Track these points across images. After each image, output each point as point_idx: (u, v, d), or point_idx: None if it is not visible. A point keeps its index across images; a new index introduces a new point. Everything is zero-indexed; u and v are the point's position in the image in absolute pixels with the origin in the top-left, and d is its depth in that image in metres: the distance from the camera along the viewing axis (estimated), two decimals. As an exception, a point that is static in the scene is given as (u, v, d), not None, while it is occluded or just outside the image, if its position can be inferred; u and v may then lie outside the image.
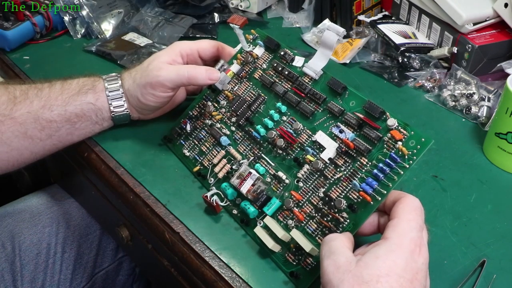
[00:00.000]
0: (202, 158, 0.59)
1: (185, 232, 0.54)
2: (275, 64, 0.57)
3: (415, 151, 0.43)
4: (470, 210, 0.56)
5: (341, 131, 0.49)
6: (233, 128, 0.58)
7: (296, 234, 0.47)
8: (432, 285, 0.43)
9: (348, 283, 0.37)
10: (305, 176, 0.50)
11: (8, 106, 0.58)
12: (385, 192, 0.44)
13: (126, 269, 0.85)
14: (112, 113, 0.62)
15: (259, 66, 0.60)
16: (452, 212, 0.55)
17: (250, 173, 0.52)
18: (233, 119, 0.59)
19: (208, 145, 0.59)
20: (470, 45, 0.74)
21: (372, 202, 0.44)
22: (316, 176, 0.50)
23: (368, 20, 0.87)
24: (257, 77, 0.59)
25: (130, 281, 0.86)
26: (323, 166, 0.49)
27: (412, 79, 0.78)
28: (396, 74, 0.79)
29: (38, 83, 0.62)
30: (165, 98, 0.60)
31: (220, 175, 0.56)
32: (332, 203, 0.47)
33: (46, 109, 0.59)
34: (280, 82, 0.57)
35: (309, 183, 0.50)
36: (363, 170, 0.46)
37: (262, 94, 0.58)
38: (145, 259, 0.74)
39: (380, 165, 0.45)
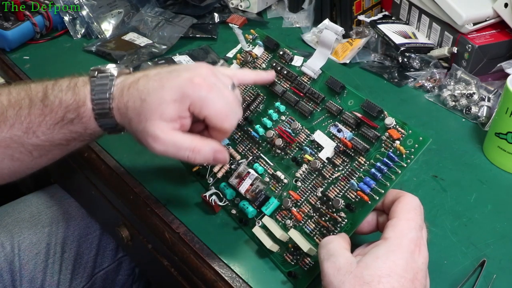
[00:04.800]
0: (201, 158, 0.59)
1: (185, 232, 0.54)
2: (274, 64, 0.57)
3: (413, 150, 0.43)
4: (470, 210, 0.56)
5: (339, 130, 0.49)
6: (232, 128, 0.58)
7: (294, 234, 0.47)
8: (432, 285, 0.43)
9: (349, 284, 0.37)
10: (303, 175, 0.50)
11: None
12: (383, 191, 0.44)
13: (126, 269, 0.85)
14: (106, 131, 0.52)
15: (259, 65, 0.60)
16: (452, 212, 0.55)
17: (248, 172, 0.52)
18: (232, 119, 0.58)
19: (207, 145, 0.59)
20: (470, 45, 0.74)
21: (369, 202, 0.44)
22: (314, 175, 0.50)
23: (368, 20, 0.87)
24: (256, 77, 0.59)
25: (130, 281, 0.86)
26: (321, 165, 0.49)
27: (412, 79, 0.78)
28: (396, 74, 0.79)
29: (16, 94, 0.51)
30: None
31: (219, 174, 0.56)
32: (330, 203, 0.47)
33: (31, 134, 0.50)
34: (279, 82, 0.57)
35: (307, 183, 0.50)
36: (361, 170, 0.46)
37: (261, 94, 0.58)
38: (145, 259, 0.74)
39: (378, 164, 0.45)
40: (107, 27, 0.92)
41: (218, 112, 0.46)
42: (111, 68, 0.50)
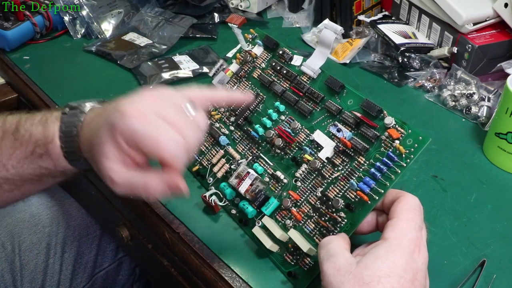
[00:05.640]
0: (201, 158, 0.59)
1: (185, 232, 0.54)
2: (273, 63, 0.57)
3: (412, 149, 0.43)
4: (470, 210, 0.56)
5: (338, 130, 0.49)
6: (232, 128, 0.58)
7: (294, 234, 0.47)
8: (432, 285, 0.43)
9: (349, 284, 0.37)
10: (303, 175, 0.50)
11: None
12: (383, 191, 0.44)
13: (126, 269, 0.85)
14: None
15: (258, 65, 0.60)
16: (452, 212, 0.55)
17: (248, 172, 0.52)
18: (232, 119, 0.59)
19: (207, 145, 0.59)
20: (470, 45, 0.74)
21: (369, 202, 0.44)
22: (314, 175, 0.50)
23: (368, 20, 0.87)
24: (256, 77, 0.59)
25: (130, 281, 0.86)
26: (321, 165, 0.49)
27: (412, 79, 0.78)
28: (396, 74, 0.79)
29: None
30: None
31: (219, 174, 0.56)
32: (330, 203, 0.47)
33: (0, 167, 0.48)
34: (278, 81, 0.57)
35: (307, 183, 0.50)
36: (361, 169, 0.46)
37: (261, 94, 0.58)
38: (145, 259, 0.73)
39: (378, 164, 0.45)
40: (107, 27, 0.92)
41: (152, 141, 0.40)
42: (86, 103, 0.48)
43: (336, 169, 0.48)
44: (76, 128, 0.46)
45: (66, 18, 0.90)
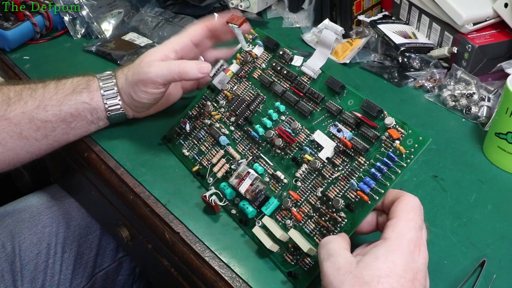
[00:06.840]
0: (201, 158, 0.59)
1: (185, 232, 0.54)
2: (274, 64, 0.57)
3: (412, 150, 0.43)
4: (470, 210, 0.56)
5: (339, 130, 0.49)
6: (232, 128, 0.58)
7: (294, 234, 0.47)
8: (432, 285, 0.43)
9: (349, 284, 0.37)
10: (303, 175, 0.50)
11: (2, 107, 0.58)
12: (383, 191, 0.44)
13: (126, 269, 0.85)
14: (108, 112, 0.62)
15: (258, 65, 0.60)
16: (452, 212, 0.55)
17: (248, 172, 0.52)
18: (232, 119, 0.59)
19: (207, 145, 0.60)
20: (470, 45, 0.74)
21: (369, 202, 0.44)
22: (314, 175, 0.50)
23: (368, 20, 0.87)
24: (256, 77, 0.59)
25: (130, 281, 0.86)
26: (321, 165, 0.49)
27: (412, 79, 0.78)
28: (396, 74, 0.79)
29: (32, 83, 0.62)
30: (158, 95, 0.60)
31: (219, 174, 0.56)
32: (330, 203, 0.47)
33: (41, 109, 0.59)
34: (279, 82, 0.57)
35: (307, 183, 0.50)
36: (361, 169, 0.46)
37: (261, 94, 0.58)
38: (145, 259, 0.74)
39: (378, 164, 0.45)
40: (107, 27, 0.92)
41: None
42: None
43: (336, 169, 0.48)
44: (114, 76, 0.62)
45: (66, 18, 0.90)
